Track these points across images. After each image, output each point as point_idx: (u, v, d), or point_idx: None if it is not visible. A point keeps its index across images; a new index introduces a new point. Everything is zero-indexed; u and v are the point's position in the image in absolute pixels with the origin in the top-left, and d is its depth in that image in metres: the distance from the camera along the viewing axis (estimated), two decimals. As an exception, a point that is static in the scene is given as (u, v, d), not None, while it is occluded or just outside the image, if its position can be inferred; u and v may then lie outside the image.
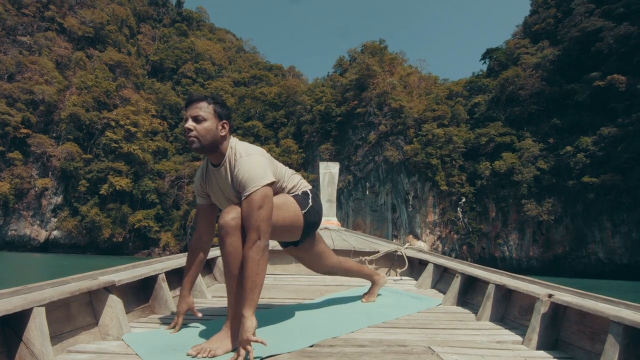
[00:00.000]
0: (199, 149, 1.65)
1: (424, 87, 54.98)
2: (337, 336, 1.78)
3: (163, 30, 75.75)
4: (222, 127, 1.68)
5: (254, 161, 1.63)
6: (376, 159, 50.34)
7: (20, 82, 52.55)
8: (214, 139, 1.65)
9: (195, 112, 1.64)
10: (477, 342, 1.74)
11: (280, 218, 1.75)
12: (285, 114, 62.42)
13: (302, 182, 1.97)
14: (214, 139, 1.65)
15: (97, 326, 1.69)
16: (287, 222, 1.79)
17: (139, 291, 2.15)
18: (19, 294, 1.39)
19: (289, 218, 1.80)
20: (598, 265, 35.96)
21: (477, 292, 2.55)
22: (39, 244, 52.26)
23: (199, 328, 1.87)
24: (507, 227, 41.71)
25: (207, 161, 1.81)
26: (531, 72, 44.10)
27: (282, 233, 1.84)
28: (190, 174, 57.81)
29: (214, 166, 1.75)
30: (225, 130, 1.69)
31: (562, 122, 40.01)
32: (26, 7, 58.12)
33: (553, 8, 48.19)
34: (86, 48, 61.77)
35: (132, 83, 63.31)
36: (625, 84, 35.59)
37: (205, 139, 1.63)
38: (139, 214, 54.07)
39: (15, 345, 1.27)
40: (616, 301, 1.58)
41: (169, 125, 64.48)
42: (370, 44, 59.95)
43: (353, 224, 50.43)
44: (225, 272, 1.62)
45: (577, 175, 36.50)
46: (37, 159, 52.29)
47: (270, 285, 3.19)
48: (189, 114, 1.66)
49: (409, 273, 3.77)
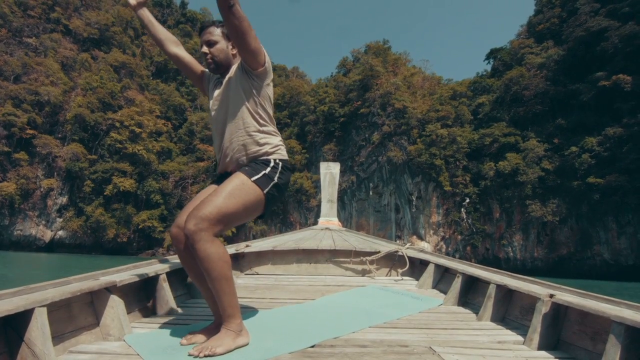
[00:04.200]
0: (216, 69, 1.84)
1: (427, 88, 54.86)
2: (338, 336, 1.78)
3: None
4: (232, 46, 1.84)
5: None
6: (380, 160, 50.28)
7: (26, 84, 52.97)
8: (227, 57, 1.83)
9: (208, 37, 1.81)
10: (478, 342, 1.74)
11: (241, 207, 1.67)
12: (289, 115, 62.46)
13: (281, 149, 1.87)
14: (227, 57, 1.83)
15: (99, 326, 1.69)
16: (248, 208, 1.71)
17: (140, 291, 2.16)
18: (21, 294, 1.39)
19: (249, 205, 1.70)
20: (603, 266, 35.71)
21: (478, 292, 2.55)
22: (45, 244, 52.61)
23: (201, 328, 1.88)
24: (511, 228, 41.51)
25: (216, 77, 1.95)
26: (535, 72, 43.89)
27: (245, 218, 1.77)
28: (194, 175, 58.01)
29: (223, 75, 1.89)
30: (235, 50, 1.84)
31: (566, 123, 39.78)
32: (32, 9, 58.59)
33: (558, 8, 47.95)
34: (91, 49, 62.17)
35: (137, 84, 63.63)
36: (630, 84, 35.34)
37: (219, 58, 1.81)
38: (143, 214, 54.29)
39: (17, 346, 1.28)
40: (617, 301, 1.57)
41: (173, 126, 64.74)
42: (374, 44, 59.89)
43: (356, 224, 50.39)
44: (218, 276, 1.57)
45: (582, 175, 36.27)
46: (43, 160, 52.66)
47: (271, 286, 3.20)
48: (202, 40, 1.83)
49: (410, 273, 3.76)
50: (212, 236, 1.54)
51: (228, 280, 1.56)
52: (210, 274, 1.53)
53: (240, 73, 1.77)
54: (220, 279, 1.54)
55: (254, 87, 1.77)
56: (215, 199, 1.59)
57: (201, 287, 1.75)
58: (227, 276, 1.55)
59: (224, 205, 1.59)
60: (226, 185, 1.65)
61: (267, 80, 1.80)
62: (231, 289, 1.58)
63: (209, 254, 1.51)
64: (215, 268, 1.53)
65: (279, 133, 1.90)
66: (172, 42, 2.00)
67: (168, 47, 1.98)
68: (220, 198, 1.59)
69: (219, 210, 1.57)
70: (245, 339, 1.60)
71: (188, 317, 2.10)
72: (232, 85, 1.78)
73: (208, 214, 1.53)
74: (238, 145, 1.78)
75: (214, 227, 1.55)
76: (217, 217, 1.56)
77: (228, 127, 1.79)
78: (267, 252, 3.94)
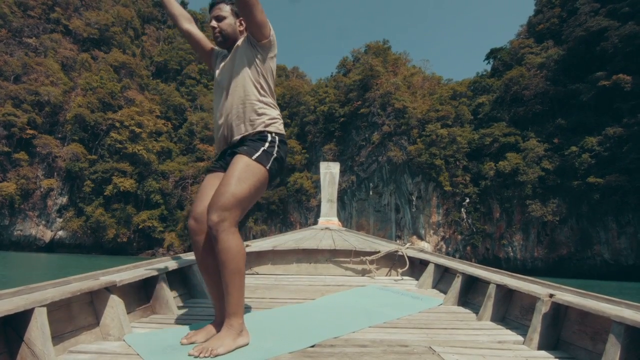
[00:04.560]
0: (223, 43, 1.92)
1: (427, 88, 54.83)
2: (338, 336, 1.78)
3: (167, 32, 76.05)
4: (239, 23, 1.93)
5: None
6: (380, 160, 50.27)
7: (26, 84, 52.99)
8: (234, 32, 1.91)
9: (217, 13, 1.90)
10: (478, 342, 1.74)
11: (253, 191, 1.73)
12: (289, 115, 62.45)
13: (278, 123, 1.89)
14: (234, 32, 1.91)
15: (98, 326, 1.69)
16: (258, 188, 1.76)
17: (140, 291, 2.16)
18: (21, 294, 1.39)
19: (258, 184, 1.75)
20: (603, 266, 35.69)
21: (478, 292, 2.55)
22: (45, 244, 52.63)
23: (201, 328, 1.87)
24: (511, 228, 41.49)
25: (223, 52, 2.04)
26: (535, 72, 43.87)
27: (256, 198, 1.81)
28: (194, 175, 58.01)
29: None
30: (243, 26, 1.93)
31: (566, 122, 39.76)
32: (32, 9, 58.61)
33: (557, 7, 47.93)
34: (91, 49, 62.18)
35: (137, 84, 63.65)
36: (630, 84, 35.32)
37: (227, 32, 1.89)
38: (143, 215, 54.32)
39: (17, 346, 1.28)
40: (617, 301, 1.57)
41: (173, 126, 64.76)
42: (374, 44, 59.91)
43: (356, 224, 50.39)
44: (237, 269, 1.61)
45: (582, 175, 36.25)
46: (43, 160, 52.67)
47: (271, 286, 3.20)
48: (212, 15, 1.92)
49: (410, 273, 3.77)
50: (234, 227, 1.62)
51: (241, 275, 1.62)
52: (227, 266, 1.58)
53: (246, 44, 1.86)
54: (236, 272, 1.59)
55: (258, 58, 1.84)
56: (229, 188, 1.63)
57: (210, 281, 1.78)
58: (241, 271, 1.62)
59: (238, 191, 1.64)
60: (233, 172, 1.69)
61: (272, 53, 1.87)
62: (242, 286, 1.62)
63: (230, 245, 1.58)
64: (233, 260, 1.58)
65: (277, 107, 1.95)
66: (186, 18, 2.09)
67: (182, 22, 2.07)
68: (232, 186, 1.64)
69: (235, 197, 1.63)
70: (245, 339, 1.60)
71: (188, 317, 2.10)
72: (237, 55, 1.87)
73: (227, 203, 1.60)
74: (237, 112, 1.82)
75: (235, 216, 1.63)
76: (235, 204, 1.62)
77: (229, 95, 1.84)
78: (267, 252, 3.94)
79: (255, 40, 1.81)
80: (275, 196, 54.56)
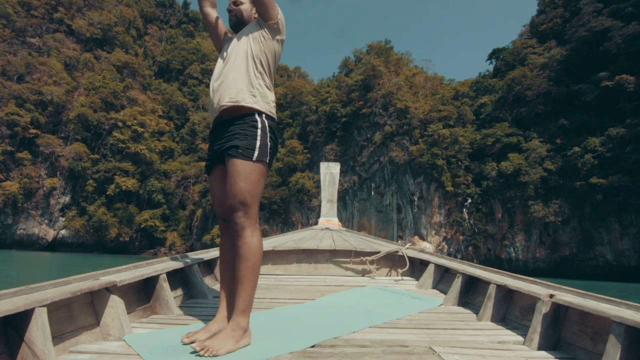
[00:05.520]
0: (235, 25, 2.03)
1: (429, 88, 54.74)
2: (338, 336, 1.78)
3: (170, 32, 76.26)
4: (254, 11, 2.03)
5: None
6: (381, 160, 50.22)
7: (29, 83, 53.21)
8: (248, 18, 2.02)
9: None
10: (478, 343, 1.74)
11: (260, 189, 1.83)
12: (291, 115, 62.46)
13: (271, 105, 1.92)
14: (248, 18, 2.02)
15: (99, 326, 1.69)
16: (264, 178, 1.86)
17: (140, 291, 2.16)
18: (21, 294, 1.39)
19: (262, 177, 1.83)
20: (606, 267, 35.56)
21: (478, 292, 2.54)
22: (47, 243, 52.82)
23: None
24: (513, 229, 41.37)
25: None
26: (538, 72, 43.72)
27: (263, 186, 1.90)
28: (196, 174, 58.09)
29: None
30: (257, 14, 2.01)
31: (569, 123, 39.62)
32: (35, 9, 58.87)
33: (560, 8, 47.76)
34: (94, 49, 62.41)
35: (139, 84, 63.82)
36: (633, 84, 35.16)
37: (241, 16, 2.01)
38: (146, 214, 54.45)
39: (17, 346, 1.28)
40: (618, 301, 1.57)
41: (175, 125, 64.91)
42: (376, 44, 59.82)
43: (358, 224, 50.36)
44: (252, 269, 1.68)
45: (585, 176, 36.11)
46: (46, 159, 52.88)
47: (271, 286, 3.20)
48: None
49: (410, 273, 3.76)
50: (256, 223, 1.74)
51: (256, 274, 1.69)
52: (246, 262, 1.65)
53: (254, 24, 1.96)
54: (252, 270, 1.66)
55: (263, 36, 1.90)
56: (241, 185, 1.70)
57: (224, 277, 1.89)
58: (257, 269, 1.69)
59: (250, 188, 1.72)
60: (239, 172, 1.73)
61: (278, 36, 1.94)
62: (255, 284, 1.68)
63: (254, 242, 1.68)
64: (252, 257, 1.66)
65: (273, 90, 1.98)
66: (211, 2, 2.17)
67: (205, 4, 2.14)
68: (241, 183, 1.71)
69: (250, 193, 1.71)
70: (247, 340, 1.61)
71: (188, 317, 2.10)
72: (244, 32, 1.96)
73: (244, 200, 1.69)
74: (233, 80, 1.84)
75: (254, 212, 1.73)
76: (251, 200, 1.72)
77: (228, 62, 1.90)
78: (267, 252, 3.94)
79: (263, 20, 1.90)
80: (277, 196, 54.58)
